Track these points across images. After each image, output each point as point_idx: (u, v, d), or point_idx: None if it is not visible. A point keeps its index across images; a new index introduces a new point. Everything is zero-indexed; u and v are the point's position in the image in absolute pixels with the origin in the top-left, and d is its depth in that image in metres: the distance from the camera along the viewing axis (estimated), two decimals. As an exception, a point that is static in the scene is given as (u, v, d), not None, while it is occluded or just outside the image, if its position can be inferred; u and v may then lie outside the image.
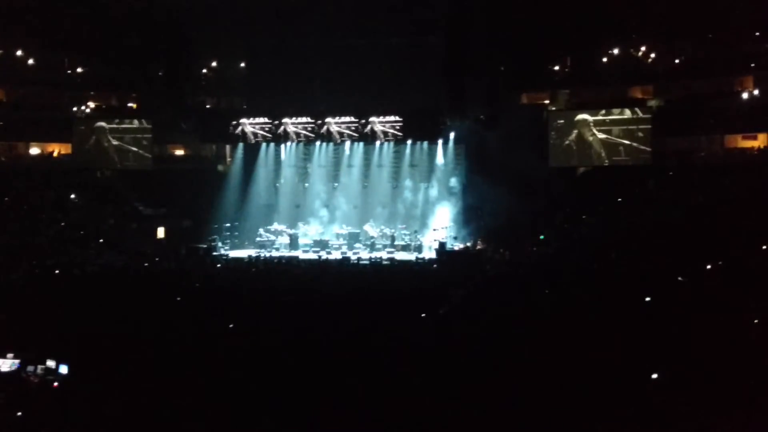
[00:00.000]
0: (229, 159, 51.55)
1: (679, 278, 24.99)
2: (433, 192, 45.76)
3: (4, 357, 16.75)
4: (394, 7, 42.49)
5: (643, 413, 13.14)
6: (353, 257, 39.80)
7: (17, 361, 16.66)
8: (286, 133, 47.02)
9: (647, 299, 21.64)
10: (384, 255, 40.66)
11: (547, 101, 48.29)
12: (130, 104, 52.32)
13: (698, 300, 20.83)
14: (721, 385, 13.75)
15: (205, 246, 42.01)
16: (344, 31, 43.48)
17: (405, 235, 43.87)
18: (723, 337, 16.38)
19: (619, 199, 39.96)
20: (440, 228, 41.25)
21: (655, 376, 14.66)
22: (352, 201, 46.97)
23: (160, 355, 17.22)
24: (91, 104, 50.51)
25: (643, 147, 42.73)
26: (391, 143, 46.36)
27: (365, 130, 45.96)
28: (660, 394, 13.98)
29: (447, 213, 44.24)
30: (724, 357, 15.13)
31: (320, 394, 14.75)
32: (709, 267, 26.18)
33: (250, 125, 47.12)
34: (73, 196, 45.45)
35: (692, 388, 13.80)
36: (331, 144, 47.38)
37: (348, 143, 47.04)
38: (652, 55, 44.85)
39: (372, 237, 43.87)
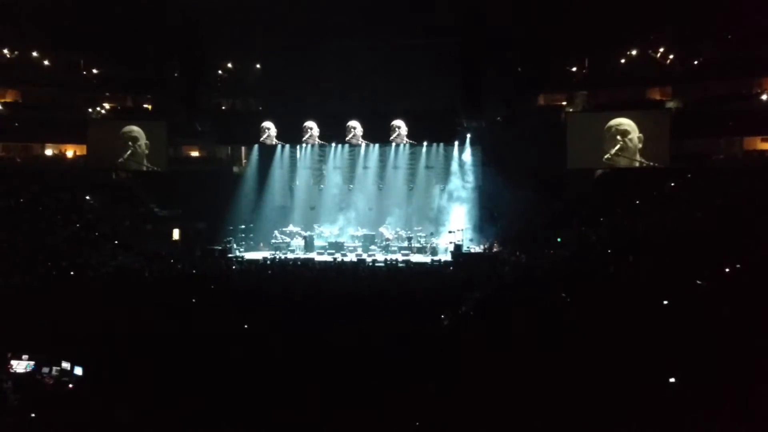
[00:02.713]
0: (244, 161, 51.57)
1: (698, 281, 24.80)
2: (449, 194, 45.53)
3: (20, 358, 16.77)
4: (411, 9, 42.34)
5: (661, 417, 13.04)
6: (368, 259, 39.70)
7: (32, 363, 16.68)
8: (301, 135, 46.96)
9: (665, 302, 21.48)
10: (399, 257, 40.55)
11: (564, 103, 48.06)
12: (145, 105, 52.45)
13: (717, 303, 20.64)
14: (740, 388, 13.62)
15: (220, 248, 42.07)
16: (360, 33, 43.30)
17: (420, 237, 43.74)
18: (743, 340, 16.23)
19: (637, 202, 39.67)
20: (456, 230, 41.03)
21: (672, 380, 14.55)
22: (368, 203, 46.87)
23: (175, 356, 17.18)
24: (107, 105, 50.56)
25: (661, 149, 42.41)
26: (407, 145, 46.22)
27: (381, 132, 45.87)
28: (678, 398, 13.87)
29: (463, 215, 44.11)
30: (744, 360, 14.98)
31: (334, 395, 14.72)
32: (728, 270, 25.97)
33: (270, 128, 47.04)
34: (88, 197, 45.51)
35: (711, 392, 13.69)
36: (347, 145, 47.28)
37: (364, 145, 46.92)
38: (671, 57, 44.47)
39: (387, 239, 43.80)
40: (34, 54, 47.57)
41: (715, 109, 42.43)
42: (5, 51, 46.68)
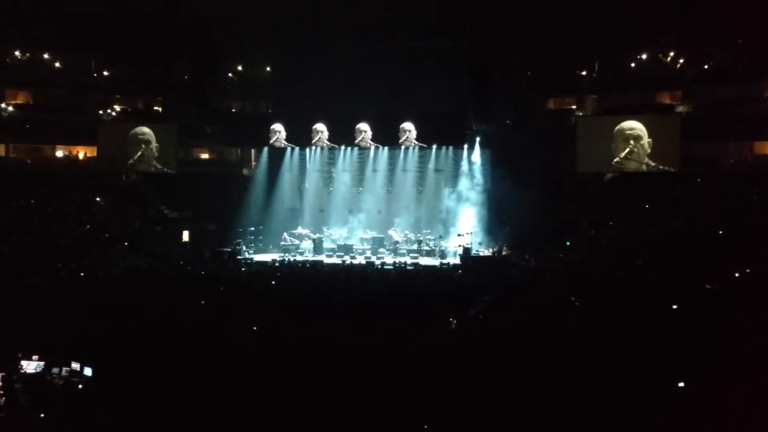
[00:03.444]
0: (254, 163, 51.71)
1: (707, 286, 24.73)
2: (458, 197, 45.45)
3: (30, 359, 16.82)
4: (421, 12, 42.34)
5: (670, 422, 13.01)
6: (377, 262, 39.70)
7: (42, 363, 16.74)
8: (310, 138, 47.00)
9: (674, 307, 21.43)
10: (408, 260, 40.51)
11: (574, 106, 47.99)
12: (155, 107, 52.58)
13: (726, 308, 20.58)
14: (748, 393, 13.58)
15: (229, 250, 42.08)
16: (370, 36, 43.35)
17: (429, 240, 43.69)
18: (751, 345, 16.18)
19: (647, 206, 39.57)
20: (465, 233, 41.00)
21: (681, 384, 14.52)
22: (377, 206, 46.79)
23: (184, 357, 17.21)
24: (117, 107, 50.76)
25: (671, 153, 42.34)
26: (416, 148, 46.21)
27: (390, 135, 45.88)
28: (686, 403, 13.84)
29: (472, 218, 44.03)
30: (752, 365, 14.95)
31: (342, 397, 14.73)
32: (737, 275, 25.89)
33: (280, 131, 47.12)
34: (98, 198, 45.65)
35: (720, 396, 13.65)
36: (356, 148, 47.30)
37: (373, 148, 46.92)
38: (681, 61, 44.41)
39: (396, 242, 43.78)
40: (45, 56, 47.85)
41: (726, 113, 42.35)
42: (16, 53, 46.95)
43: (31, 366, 16.70)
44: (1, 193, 41.16)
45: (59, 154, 50.28)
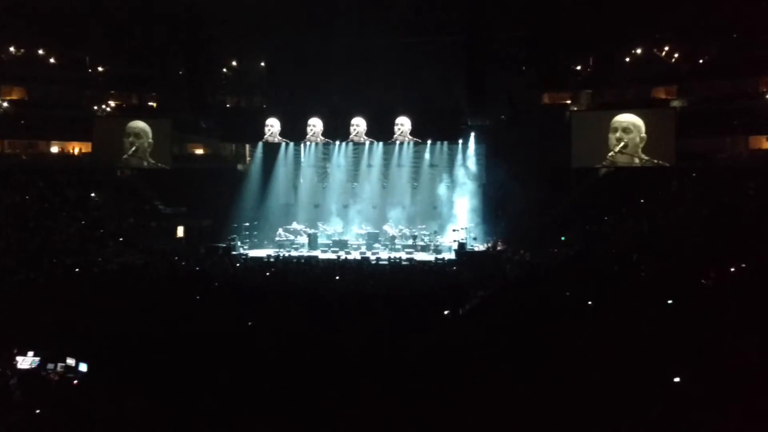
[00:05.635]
0: (248, 158, 51.65)
1: (703, 281, 24.73)
2: (453, 192, 45.45)
3: (25, 355, 16.77)
4: (416, 7, 42.32)
5: (665, 417, 13.01)
6: (372, 257, 39.66)
7: (37, 359, 16.69)
8: (305, 133, 46.93)
9: (669, 302, 21.42)
10: (403, 255, 40.51)
11: (569, 101, 47.99)
12: (150, 103, 52.58)
13: (721, 303, 20.58)
14: (744, 389, 13.58)
15: (224, 245, 42.03)
16: (365, 31, 43.29)
17: (424, 235, 43.67)
18: (747, 340, 16.18)
19: (642, 201, 39.58)
20: (460, 228, 41.02)
21: (677, 379, 14.50)
22: (372, 201, 46.84)
23: (179, 353, 17.19)
24: (112, 103, 50.73)
25: (666, 148, 42.29)
26: (411, 143, 46.18)
27: (385, 130, 45.82)
28: (682, 398, 13.83)
29: (467, 213, 44.02)
30: (747, 361, 14.94)
31: (336, 394, 14.70)
32: (732, 270, 25.89)
33: (275, 125, 47.07)
34: (93, 194, 45.59)
35: (714, 392, 13.64)
36: (351, 143, 47.23)
37: (368, 143, 46.87)
38: (676, 56, 44.42)
39: (391, 237, 43.74)
40: (40, 51, 47.76)
41: (721, 108, 42.37)
42: (11, 48, 46.85)
43: (26, 362, 16.64)
44: (-4, 189, 41.17)
45: (54, 149, 50.25)
